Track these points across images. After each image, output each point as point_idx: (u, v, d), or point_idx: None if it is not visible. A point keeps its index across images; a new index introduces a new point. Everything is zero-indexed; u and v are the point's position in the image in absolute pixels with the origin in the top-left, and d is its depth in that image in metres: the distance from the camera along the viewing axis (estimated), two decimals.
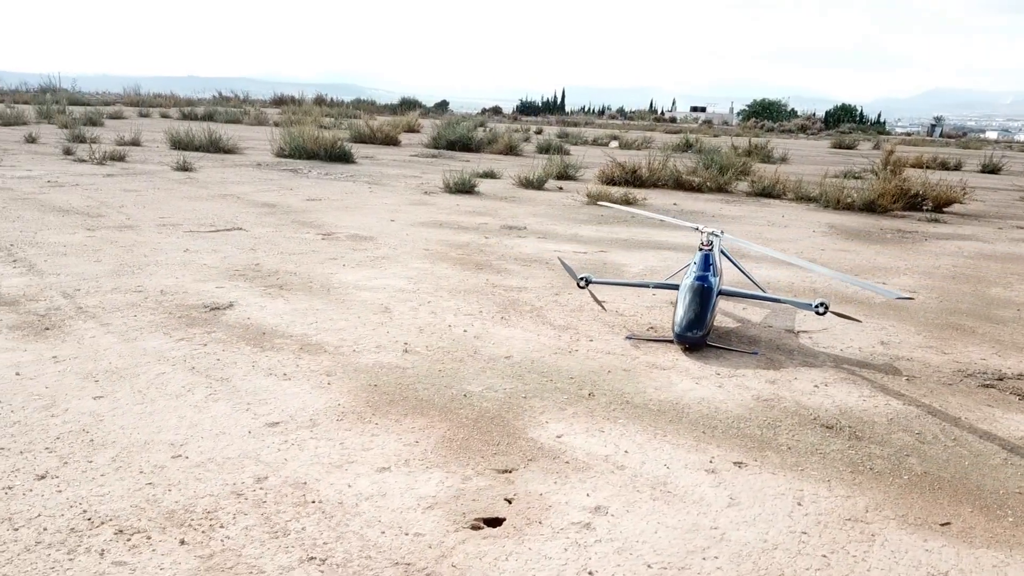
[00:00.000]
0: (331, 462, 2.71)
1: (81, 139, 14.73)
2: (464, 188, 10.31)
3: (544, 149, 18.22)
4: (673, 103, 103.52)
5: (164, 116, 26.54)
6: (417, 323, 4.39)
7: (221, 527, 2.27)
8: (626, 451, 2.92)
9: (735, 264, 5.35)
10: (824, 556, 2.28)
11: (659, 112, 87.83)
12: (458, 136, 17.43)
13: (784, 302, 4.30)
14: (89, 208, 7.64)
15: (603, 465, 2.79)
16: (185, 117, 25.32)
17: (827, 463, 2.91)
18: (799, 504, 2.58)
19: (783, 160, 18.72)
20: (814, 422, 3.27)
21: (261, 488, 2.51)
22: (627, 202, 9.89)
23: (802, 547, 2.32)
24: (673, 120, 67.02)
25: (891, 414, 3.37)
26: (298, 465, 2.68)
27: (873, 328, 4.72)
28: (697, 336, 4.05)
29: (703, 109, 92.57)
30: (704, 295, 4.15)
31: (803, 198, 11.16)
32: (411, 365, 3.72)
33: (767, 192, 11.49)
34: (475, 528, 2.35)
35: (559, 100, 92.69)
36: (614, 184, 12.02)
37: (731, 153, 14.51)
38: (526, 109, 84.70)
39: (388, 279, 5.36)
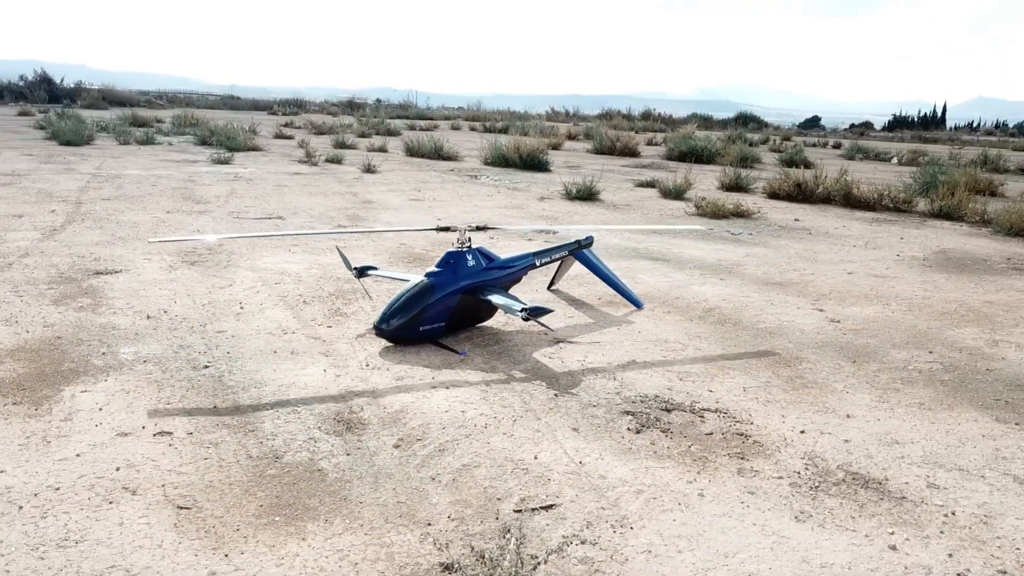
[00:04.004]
0: None
1: (342, 145, 17.02)
2: (584, 196, 10.39)
3: (789, 163, 17.13)
4: None
5: (472, 129, 29.13)
6: (222, 297, 4.92)
7: None
8: (100, 409, 3.24)
9: (598, 272, 5.13)
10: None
11: None
12: (689, 148, 17.15)
13: (502, 307, 4.15)
14: (210, 197, 9.16)
15: (56, 420, 3.15)
16: (486, 130, 27.59)
17: (240, 446, 2.98)
18: (133, 470, 2.75)
19: None
20: (336, 418, 3.27)
21: None
22: (738, 215, 9.28)
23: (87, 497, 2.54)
24: None
25: (411, 424, 3.25)
26: None
27: (670, 347, 4.30)
28: (390, 329, 4.10)
29: None
30: (419, 290, 4.17)
31: (981, 221, 9.49)
32: (127, 327, 4.29)
33: (946, 213, 9.93)
34: None
35: (939, 114, 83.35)
36: (777, 198, 11.18)
37: (965, 171, 12.51)
38: (898, 124, 77.61)
39: (298, 265, 5.92)
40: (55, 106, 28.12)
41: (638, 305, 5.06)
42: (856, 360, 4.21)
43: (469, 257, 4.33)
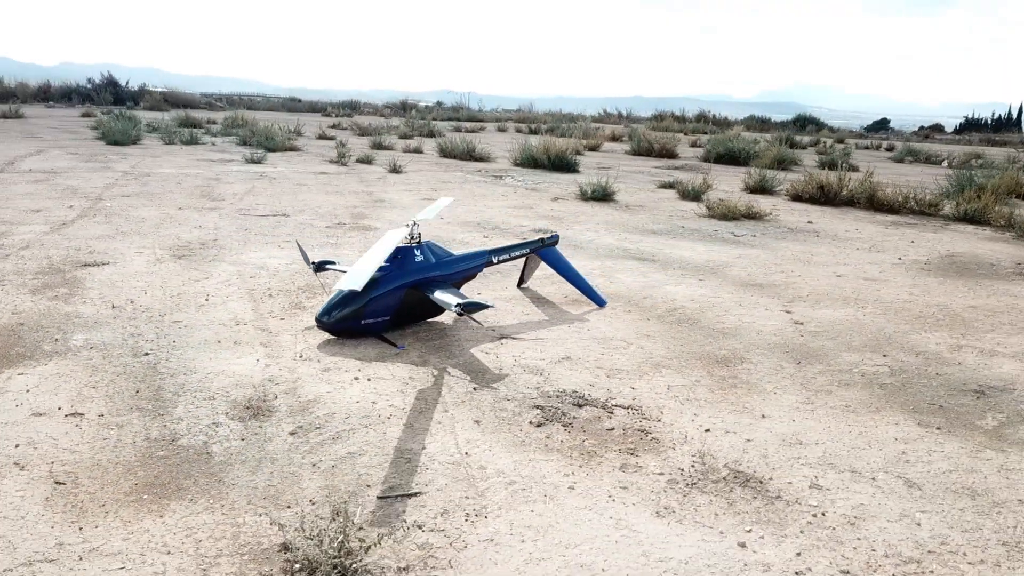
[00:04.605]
0: None
1: (379, 146, 17.30)
2: (599, 196, 10.41)
3: (830, 165, 16.82)
4: None
5: (518, 131, 29.24)
6: (193, 289, 5.10)
7: None
8: (27, 391, 3.42)
9: (562, 270, 5.16)
10: None
11: None
12: (726, 149, 16.99)
13: (439, 302, 4.22)
14: (226, 195, 9.44)
15: None
16: (531, 132, 27.67)
17: (143, 428, 3.12)
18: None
19: None
20: (247, 405, 3.39)
21: None
22: (750, 216, 9.19)
23: None
24: None
25: (317, 413, 3.34)
26: None
27: (613, 345, 4.32)
28: (330, 321, 4.20)
29: None
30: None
31: (1006, 225, 9.23)
32: (90, 315, 4.49)
33: (971, 216, 9.67)
34: None
35: (1015, 116, 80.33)
36: (800, 200, 11.04)
37: (1005, 174, 12.13)
38: (969, 127, 75.16)
39: (280, 260, 6.09)
40: (119, 108, 29.10)
41: (600, 304, 5.07)
42: (801, 362, 4.16)
43: (417, 252, 4.40)
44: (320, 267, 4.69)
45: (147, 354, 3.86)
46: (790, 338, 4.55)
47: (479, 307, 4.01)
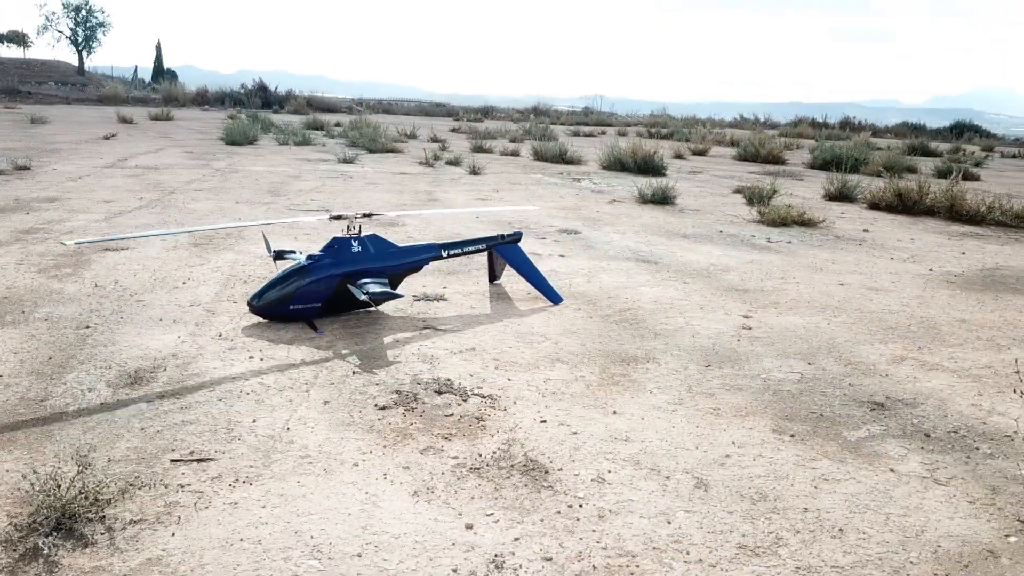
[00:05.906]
0: None
1: (480, 149, 17.78)
2: (659, 199, 10.38)
3: (945, 174, 15.89)
4: None
5: (638, 135, 29.07)
6: (181, 274, 5.58)
7: None
8: None
9: (519, 267, 5.29)
10: None
11: None
12: (832, 156, 16.41)
13: (354, 292, 4.46)
14: (291, 192, 10.04)
15: None
16: (651, 136, 27.48)
17: (26, 389, 3.54)
18: None
19: None
20: (133, 375, 3.77)
21: None
22: (802, 223, 8.95)
23: None
24: None
25: (187, 384, 3.62)
26: None
27: (531, 340, 4.44)
28: (259, 304, 4.51)
29: None
30: (293, 272, 4.59)
31: None
32: (70, 293, 5.00)
33: None
34: None
35: None
36: (878, 208, 10.60)
37: None
38: None
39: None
40: (265, 111, 31.07)
41: (555, 301, 5.13)
42: (711, 365, 4.09)
43: (355, 243, 4.62)
44: (279, 256, 4.99)
45: (87, 327, 4.26)
46: (723, 342, 4.46)
47: (389, 297, 4.18)
